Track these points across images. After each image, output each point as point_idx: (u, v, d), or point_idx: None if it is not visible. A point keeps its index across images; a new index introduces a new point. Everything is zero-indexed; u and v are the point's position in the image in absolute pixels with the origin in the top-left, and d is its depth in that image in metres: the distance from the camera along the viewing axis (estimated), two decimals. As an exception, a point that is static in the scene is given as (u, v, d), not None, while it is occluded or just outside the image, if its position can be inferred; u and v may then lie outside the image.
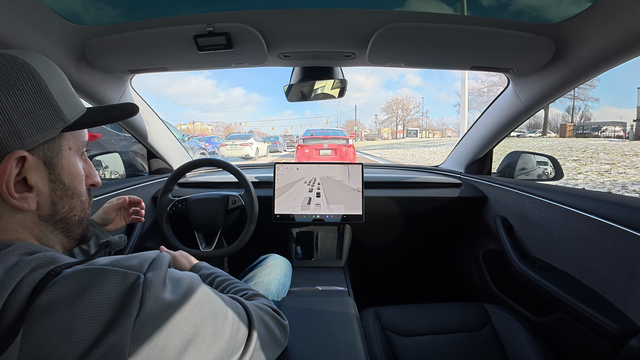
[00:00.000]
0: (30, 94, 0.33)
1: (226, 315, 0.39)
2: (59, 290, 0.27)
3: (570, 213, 0.79)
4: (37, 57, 0.35)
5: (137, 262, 0.32)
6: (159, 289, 0.31)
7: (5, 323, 0.25)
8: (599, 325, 0.65)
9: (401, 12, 0.70)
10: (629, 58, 0.68)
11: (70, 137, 0.38)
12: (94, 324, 0.27)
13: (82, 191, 0.40)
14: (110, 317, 0.28)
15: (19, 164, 0.32)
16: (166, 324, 0.31)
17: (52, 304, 0.27)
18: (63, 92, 0.36)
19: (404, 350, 0.81)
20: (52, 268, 0.29)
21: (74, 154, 0.38)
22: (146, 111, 1.15)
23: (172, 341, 0.31)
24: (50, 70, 0.36)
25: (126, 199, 0.76)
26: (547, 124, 28.11)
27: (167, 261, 0.35)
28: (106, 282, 0.29)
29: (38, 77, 0.34)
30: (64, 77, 0.38)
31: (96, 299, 0.28)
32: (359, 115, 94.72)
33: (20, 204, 0.33)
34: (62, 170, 0.37)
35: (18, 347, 0.25)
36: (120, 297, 0.29)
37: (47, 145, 0.35)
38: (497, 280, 1.16)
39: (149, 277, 0.31)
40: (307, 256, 1.24)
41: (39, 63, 0.34)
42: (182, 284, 0.35)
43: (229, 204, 1.04)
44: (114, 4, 0.69)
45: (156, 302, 0.30)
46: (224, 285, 0.61)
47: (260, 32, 0.73)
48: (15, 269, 0.28)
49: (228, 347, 0.38)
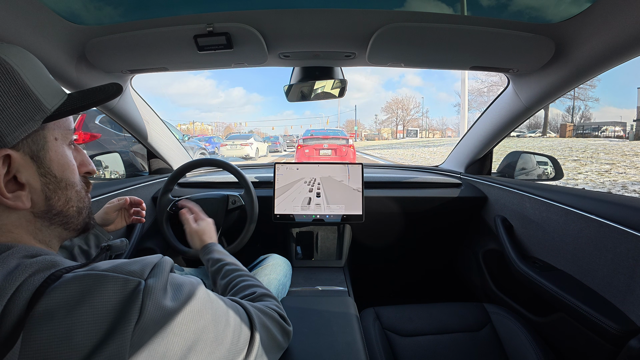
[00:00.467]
0: (4, 89, 0.31)
1: (227, 322, 0.39)
2: (59, 296, 0.27)
3: (570, 213, 0.79)
4: (8, 47, 0.33)
5: (138, 268, 0.32)
6: (159, 295, 0.31)
7: (5, 328, 0.25)
8: (599, 325, 0.65)
9: (401, 12, 0.69)
10: (629, 58, 0.68)
11: (54, 127, 0.36)
12: (94, 330, 0.27)
13: (75, 181, 0.39)
14: (110, 323, 0.27)
15: (6, 163, 0.31)
16: (166, 330, 0.30)
17: (52, 310, 0.26)
18: (40, 81, 0.35)
19: (404, 350, 0.81)
20: (52, 272, 0.29)
21: (61, 144, 0.37)
22: (146, 111, 1.15)
23: (172, 348, 0.31)
24: (23, 60, 0.34)
25: (127, 199, 0.76)
26: (547, 124, 28.12)
27: (168, 266, 0.35)
28: (106, 288, 0.29)
29: (11, 69, 0.32)
30: (39, 64, 0.36)
31: (96, 306, 0.28)
32: (359, 115, 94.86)
33: (14, 203, 0.32)
34: (51, 163, 0.35)
35: (18, 352, 0.25)
36: (120, 303, 0.28)
37: (30, 139, 0.33)
38: (497, 280, 1.16)
39: (150, 284, 0.31)
40: (307, 256, 1.24)
41: (10, 54, 0.33)
42: (183, 290, 0.34)
43: (229, 204, 1.04)
44: (114, 4, 0.69)
45: (156, 308, 0.30)
46: (232, 277, 0.60)
47: (260, 32, 0.73)
48: (15, 273, 0.28)
49: (229, 353, 0.38)
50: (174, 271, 0.37)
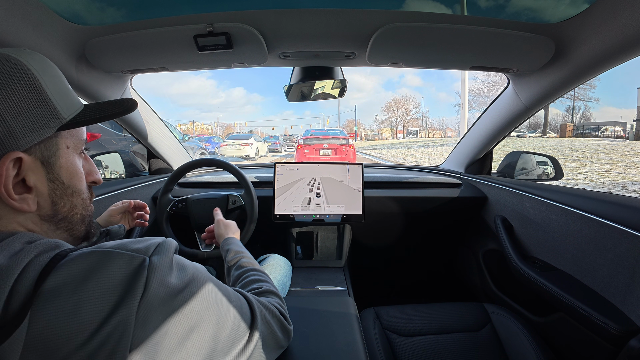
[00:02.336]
0: (23, 94, 0.32)
1: (229, 308, 0.40)
2: (66, 273, 0.28)
3: (570, 213, 0.79)
4: (31, 54, 0.34)
5: (143, 246, 0.32)
6: (164, 272, 0.32)
7: (13, 307, 0.26)
8: (599, 325, 0.65)
9: (401, 12, 0.70)
10: (629, 58, 0.68)
11: (68, 135, 0.37)
12: (101, 305, 0.27)
13: (82, 189, 0.40)
14: (116, 299, 0.28)
15: (16, 165, 0.32)
16: (170, 309, 0.31)
17: (60, 287, 0.27)
18: (58, 90, 0.36)
19: (404, 350, 0.81)
20: (57, 252, 0.30)
21: (72, 153, 0.38)
22: (146, 111, 1.15)
23: (175, 327, 0.31)
24: (45, 67, 0.35)
25: (131, 202, 0.77)
26: (547, 124, 28.10)
27: (173, 247, 0.35)
28: (112, 264, 0.29)
29: (32, 75, 0.33)
30: (59, 74, 0.37)
31: (103, 281, 0.28)
32: (359, 115, 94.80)
33: (20, 205, 0.33)
34: (60, 169, 0.36)
35: (26, 329, 0.25)
36: (126, 279, 0.29)
37: (43, 145, 0.34)
38: (497, 280, 1.16)
39: (154, 261, 0.31)
40: (307, 256, 1.24)
41: (32, 61, 0.34)
42: (187, 271, 0.35)
43: (229, 204, 1.04)
44: (114, 4, 0.69)
45: (161, 285, 0.31)
46: (245, 269, 0.61)
47: (260, 32, 0.73)
48: (21, 254, 0.28)
49: (229, 340, 0.38)
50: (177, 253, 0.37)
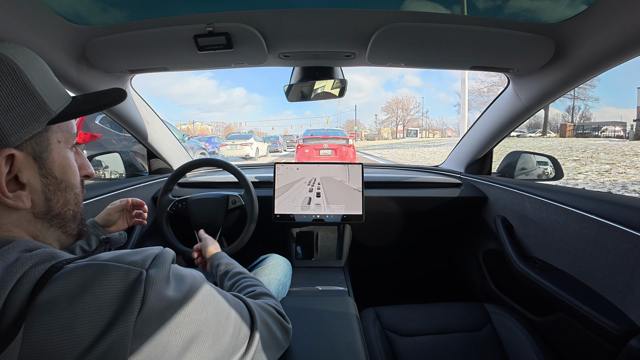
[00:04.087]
0: (10, 89, 0.31)
1: (229, 315, 0.39)
2: (61, 286, 0.27)
3: (570, 213, 0.79)
4: (16, 48, 0.34)
5: (139, 258, 0.32)
6: (161, 285, 0.31)
7: (7, 320, 0.25)
8: (599, 325, 0.65)
9: (401, 12, 0.70)
10: (629, 58, 0.68)
11: (58, 129, 0.37)
12: (96, 320, 0.27)
13: (75, 183, 0.39)
14: (113, 313, 0.27)
15: (8, 162, 0.32)
16: (169, 321, 0.30)
17: (54, 300, 0.26)
18: (46, 83, 0.35)
19: (404, 350, 0.81)
20: (53, 264, 0.29)
21: (63, 147, 0.37)
22: (146, 111, 1.15)
23: (174, 339, 0.31)
24: (30, 61, 0.34)
25: (129, 201, 0.76)
26: (547, 124, 28.10)
27: (170, 257, 0.35)
28: (108, 278, 0.29)
29: (18, 69, 0.32)
30: (45, 66, 0.37)
31: (98, 295, 0.28)
32: (359, 115, 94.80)
33: (15, 203, 0.32)
34: (53, 164, 0.36)
35: (20, 344, 0.25)
36: (122, 293, 0.28)
37: (34, 140, 0.34)
38: (497, 280, 1.15)
39: (152, 274, 0.31)
40: (307, 256, 1.24)
41: (18, 55, 0.33)
42: (185, 282, 0.34)
43: (229, 204, 1.04)
44: (114, 4, 0.69)
45: (158, 299, 0.30)
46: (237, 278, 0.62)
47: (260, 32, 0.73)
48: (16, 266, 0.28)
49: (229, 347, 0.38)
50: (175, 263, 0.37)
